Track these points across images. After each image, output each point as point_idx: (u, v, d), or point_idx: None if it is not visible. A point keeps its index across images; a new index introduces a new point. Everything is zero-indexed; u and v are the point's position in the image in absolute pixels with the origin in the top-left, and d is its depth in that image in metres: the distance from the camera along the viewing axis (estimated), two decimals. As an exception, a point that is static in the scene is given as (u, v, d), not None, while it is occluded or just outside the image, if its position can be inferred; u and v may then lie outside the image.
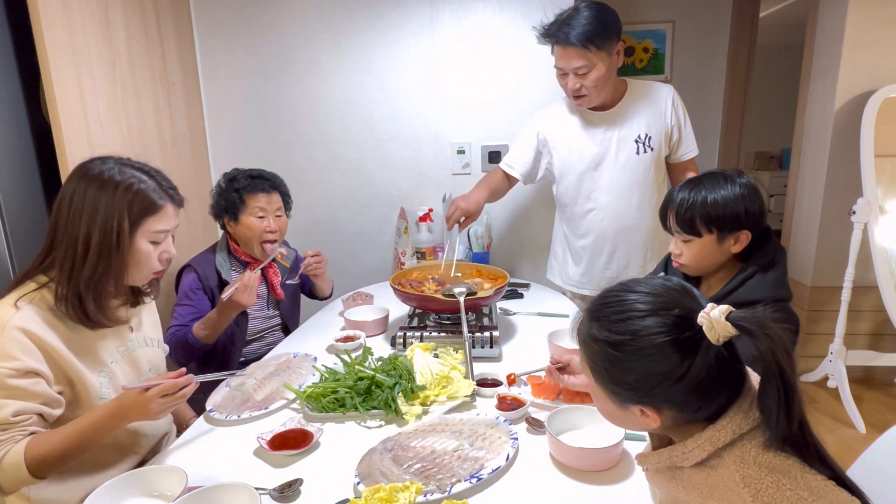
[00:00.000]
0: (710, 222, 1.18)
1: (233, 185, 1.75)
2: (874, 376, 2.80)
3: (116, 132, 1.84)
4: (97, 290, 1.05)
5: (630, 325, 0.67)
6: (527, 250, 2.48)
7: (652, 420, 0.70)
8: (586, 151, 1.81)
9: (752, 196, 1.18)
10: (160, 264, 1.14)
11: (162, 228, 1.10)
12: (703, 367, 0.65)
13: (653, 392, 0.68)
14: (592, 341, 0.71)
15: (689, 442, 0.69)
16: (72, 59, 1.64)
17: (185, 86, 2.28)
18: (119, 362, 1.16)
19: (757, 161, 6.40)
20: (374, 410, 1.19)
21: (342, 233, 2.52)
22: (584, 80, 1.67)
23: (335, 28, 2.31)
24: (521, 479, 0.97)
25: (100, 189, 1.04)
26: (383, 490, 0.87)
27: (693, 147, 1.85)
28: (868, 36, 2.48)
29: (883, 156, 2.44)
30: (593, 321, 0.71)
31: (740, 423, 0.66)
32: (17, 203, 1.63)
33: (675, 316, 0.66)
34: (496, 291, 1.56)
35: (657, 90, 1.80)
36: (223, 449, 1.11)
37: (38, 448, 0.97)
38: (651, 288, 0.70)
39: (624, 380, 0.69)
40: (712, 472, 0.67)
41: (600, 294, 0.74)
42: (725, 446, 0.66)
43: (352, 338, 1.57)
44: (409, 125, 2.40)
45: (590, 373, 0.74)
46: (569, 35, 1.60)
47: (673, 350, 0.65)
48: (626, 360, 0.67)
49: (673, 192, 1.26)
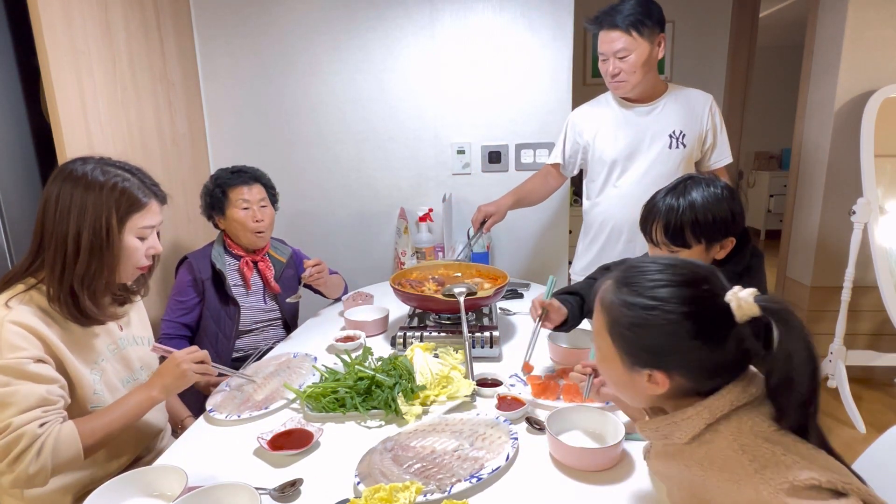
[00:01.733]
0: (699, 233, 1.17)
1: (216, 182, 1.81)
2: (874, 376, 2.80)
3: (116, 132, 1.84)
4: (91, 287, 1.08)
5: (660, 292, 0.71)
6: (527, 250, 2.48)
7: (659, 385, 0.73)
8: (620, 141, 1.84)
9: (735, 200, 1.18)
10: (146, 260, 1.16)
11: (148, 224, 1.13)
12: (723, 342, 0.69)
13: (670, 357, 0.72)
14: (621, 305, 0.74)
15: (688, 409, 0.72)
16: (72, 59, 1.64)
17: (185, 86, 2.28)
18: (110, 360, 1.17)
19: (757, 161, 6.40)
20: (374, 410, 1.19)
21: (342, 233, 2.52)
22: (623, 64, 1.72)
23: (335, 28, 2.31)
24: (521, 479, 0.97)
25: (86, 189, 1.05)
26: (383, 490, 0.87)
27: (727, 155, 1.88)
28: (868, 36, 2.48)
29: (883, 156, 2.44)
30: (623, 286, 0.75)
31: (738, 396, 0.70)
32: (17, 203, 1.63)
33: (704, 290, 0.70)
34: (496, 291, 1.56)
35: (696, 95, 1.85)
36: (223, 449, 1.11)
37: (89, 424, 1.04)
38: (683, 263, 0.75)
39: (645, 343, 0.73)
40: (710, 446, 0.70)
41: (629, 264, 0.78)
42: (721, 418, 0.70)
43: (352, 338, 1.57)
44: (409, 125, 2.40)
45: (606, 336, 0.77)
46: (614, 18, 1.69)
47: (698, 321, 0.69)
48: (652, 325, 0.71)
49: (656, 202, 1.22)
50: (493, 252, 2.45)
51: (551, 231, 2.48)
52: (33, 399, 0.98)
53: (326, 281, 1.89)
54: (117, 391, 1.17)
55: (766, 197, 6.12)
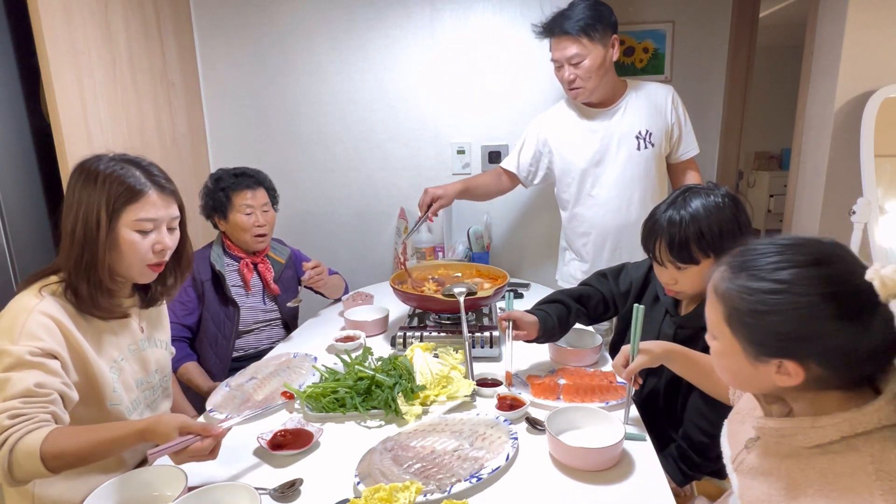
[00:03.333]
0: (706, 247, 1.11)
1: (219, 184, 1.79)
2: (874, 376, 2.80)
3: (116, 132, 1.84)
4: (90, 280, 1.05)
5: (784, 274, 0.66)
6: (527, 250, 2.48)
7: (792, 377, 0.67)
8: (588, 148, 1.82)
9: (740, 207, 1.13)
10: (154, 256, 1.10)
11: (146, 216, 1.07)
12: (869, 324, 0.63)
13: (805, 344, 0.66)
14: (741, 291, 0.69)
15: (823, 418, 0.66)
16: (72, 60, 1.64)
17: (185, 86, 2.28)
18: (129, 360, 1.16)
19: (757, 161, 6.40)
20: (374, 410, 1.19)
21: (342, 233, 2.52)
22: (578, 70, 1.70)
23: (335, 28, 2.31)
24: (521, 479, 0.97)
25: (85, 183, 1.05)
26: (383, 490, 0.87)
27: (693, 146, 1.87)
28: (868, 36, 2.48)
29: (883, 156, 2.43)
30: (741, 272, 0.70)
31: (889, 415, 0.63)
32: (17, 203, 1.63)
33: (839, 268, 0.65)
34: (496, 291, 1.56)
35: (657, 89, 1.84)
36: (223, 449, 1.10)
37: (58, 444, 0.92)
38: (804, 241, 0.69)
39: (774, 330, 0.67)
40: (837, 458, 0.64)
41: (743, 248, 0.73)
42: (861, 434, 0.63)
43: (352, 338, 1.57)
44: (409, 125, 2.40)
45: (724, 327, 0.72)
46: (563, 25, 1.67)
47: (839, 302, 0.63)
48: (782, 310, 0.66)
49: (657, 219, 1.17)
50: (493, 252, 2.45)
51: (552, 231, 2.48)
52: (18, 389, 0.93)
53: (326, 282, 1.88)
54: (131, 391, 1.16)
55: (766, 197, 6.11)
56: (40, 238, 1.72)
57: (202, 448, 0.93)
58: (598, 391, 1.22)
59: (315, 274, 1.78)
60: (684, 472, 1.18)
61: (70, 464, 0.94)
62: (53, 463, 0.92)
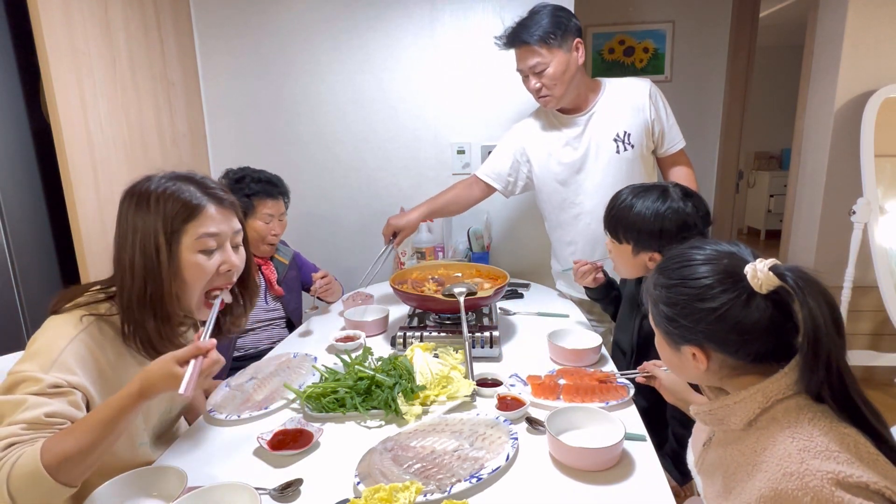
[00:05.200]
0: (627, 232, 1.30)
1: (241, 188, 1.76)
2: (874, 376, 2.80)
3: (116, 132, 1.84)
4: (158, 315, 0.97)
5: (685, 271, 0.79)
6: (527, 250, 2.48)
7: (701, 362, 0.79)
8: (566, 156, 1.79)
9: (672, 218, 1.24)
10: (220, 278, 1.02)
11: (208, 231, 0.98)
12: (742, 309, 0.73)
13: (697, 329, 0.77)
14: (654, 288, 0.83)
15: (741, 392, 0.76)
16: (72, 59, 1.64)
17: (185, 86, 2.28)
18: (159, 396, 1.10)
19: (757, 161, 6.40)
20: (374, 410, 1.19)
21: (342, 233, 2.52)
22: (543, 79, 1.68)
23: (335, 28, 2.31)
24: (521, 479, 0.97)
25: (137, 207, 0.96)
26: (383, 490, 0.87)
27: (678, 139, 1.80)
28: (868, 36, 2.48)
29: (883, 156, 2.44)
30: (658, 273, 0.84)
31: (796, 380, 0.72)
32: (18, 203, 1.63)
33: (723, 265, 0.76)
34: (496, 291, 1.56)
35: (633, 86, 1.77)
36: (223, 449, 1.11)
37: (56, 445, 0.82)
38: (719, 246, 0.80)
39: (676, 318, 0.79)
40: (763, 432, 0.73)
41: (669, 253, 0.85)
42: (777, 404, 0.73)
43: (352, 338, 1.57)
44: (409, 125, 2.40)
45: (652, 321, 0.86)
46: (521, 35, 1.65)
47: (716, 292, 0.74)
48: (680, 302, 0.78)
49: (617, 196, 1.34)
50: (493, 252, 2.45)
51: (551, 231, 2.48)
52: (28, 416, 0.85)
53: (334, 291, 1.93)
54: (150, 419, 1.10)
55: (766, 197, 6.12)
56: (40, 238, 1.72)
57: (210, 363, 0.88)
58: (598, 391, 1.22)
59: (324, 284, 1.82)
60: (681, 468, 1.19)
61: (79, 462, 0.83)
62: (59, 469, 0.81)
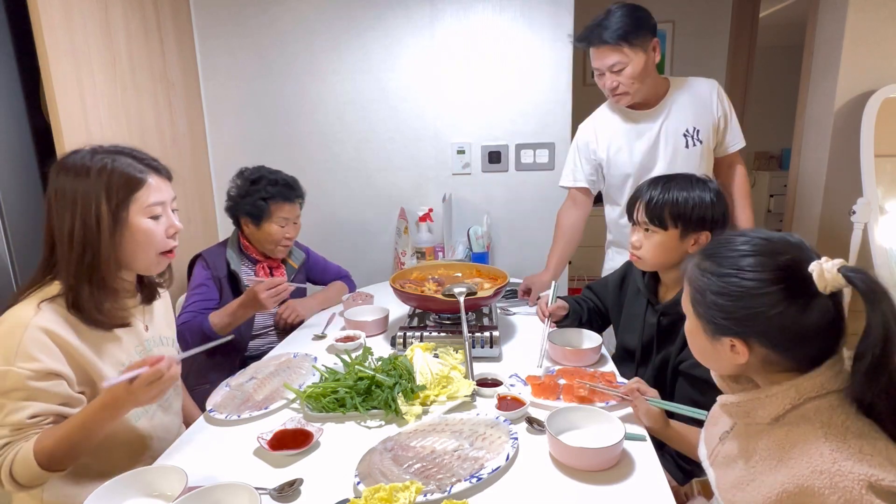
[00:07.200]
0: (676, 217, 1.26)
1: (258, 190, 1.74)
2: (874, 376, 2.79)
3: (116, 132, 1.84)
4: (93, 280, 1.02)
5: (742, 261, 0.74)
6: (527, 250, 2.48)
7: (741, 354, 0.75)
8: (636, 150, 1.80)
9: (719, 202, 1.26)
10: (169, 241, 1.09)
11: (156, 200, 1.06)
12: (802, 309, 0.69)
13: (748, 325, 0.73)
14: (701, 275, 0.79)
15: (773, 387, 0.73)
16: (72, 60, 1.64)
17: (185, 86, 2.28)
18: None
19: (757, 161, 6.39)
20: (374, 410, 1.19)
21: (342, 233, 2.52)
22: (620, 77, 1.67)
23: (335, 28, 2.31)
24: (521, 479, 0.97)
25: (75, 179, 1.01)
26: (383, 490, 0.87)
27: (739, 139, 1.84)
28: (868, 36, 2.48)
29: (883, 156, 2.43)
30: (706, 259, 0.79)
31: (831, 380, 0.69)
32: (17, 203, 1.63)
33: (787, 259, 0.72)
34: (496, 291, 1.56)
35: (700, 84, 1.80)
36: (223, 449, 1.11)
37: (44, 443, 0.96)
38: (770, 235, 0.76)
39: (724, 311, 0.75)
40: (792, 428, 0.70)
41: (715, 238, 0.83)
42: (809, 402, 0.70)
43: (352, 338, 1.57)
44: (409, 125, 2.40)
45: (690, 308, 0.82)
46: (601, 35, 1.64)
47: (776, 288, 0.71)
48: (730, 293, 0.74)
49: (643, 185, 1.32)
50: (493, 252, 2.45)
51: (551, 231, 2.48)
52: (10, 421, 0.95)
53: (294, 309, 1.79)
54: None
55: (767, 197, 6.10)
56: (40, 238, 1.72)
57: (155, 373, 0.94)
58: (598, 391, 1.22)
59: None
60: (682, 467, 1.18)
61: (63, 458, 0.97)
62: (48, 461, 0.96)
